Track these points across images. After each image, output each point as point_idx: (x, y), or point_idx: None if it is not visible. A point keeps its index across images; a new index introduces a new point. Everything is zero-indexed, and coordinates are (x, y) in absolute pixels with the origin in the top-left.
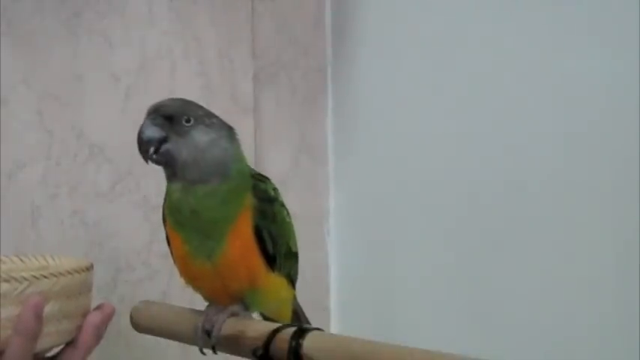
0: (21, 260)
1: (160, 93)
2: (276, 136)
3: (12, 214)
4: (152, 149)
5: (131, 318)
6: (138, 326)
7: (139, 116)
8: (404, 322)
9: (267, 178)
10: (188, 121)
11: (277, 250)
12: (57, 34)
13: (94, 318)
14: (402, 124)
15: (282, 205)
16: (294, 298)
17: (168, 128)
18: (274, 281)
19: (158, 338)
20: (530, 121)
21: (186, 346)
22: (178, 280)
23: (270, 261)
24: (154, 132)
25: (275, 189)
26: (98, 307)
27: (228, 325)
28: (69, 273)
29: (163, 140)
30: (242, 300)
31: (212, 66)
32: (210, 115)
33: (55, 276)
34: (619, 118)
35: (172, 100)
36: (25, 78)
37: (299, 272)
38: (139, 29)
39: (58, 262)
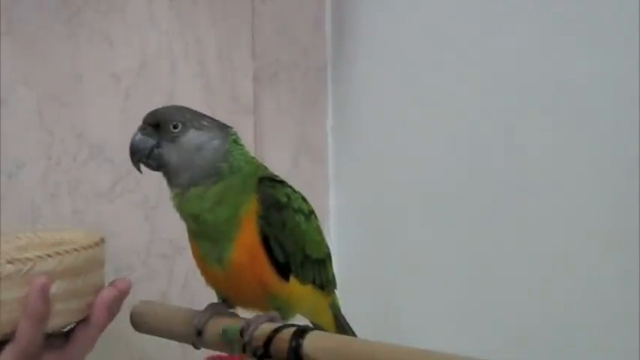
0: (37, 236)
1: (160, 93)
2: (276, 136)
3: (12, 214)
4: (142, 157)
5: (131, 318)
6: (138, 326)
7: (139, 116)
8: (404, 322)
9: (279, 181)
10: (176, 127)
11: (290, 258)
12: (57, 34)
13: (106, 295)
14: (402, 124)
15: (297, 210)
16: (333, 304)
17: (158, 135)
18: (293, 289)
19: (158, 338)
20: (530, 121)
21: (186, 346)
22: (178, 280)
23: (284, 268)
24: (141, 142)
25: (289, 194)
26: (112, 283)
27: None
28: (75, 250)
29: (155, 147)
30: (265, 304)
31: (212, 66)
32: (201, 117)
33: (60, 254)
34: (619, 117)
35: (164, 107)
36: (25, 78)
37: None
38: (139, 29)
39: (74, 237)
